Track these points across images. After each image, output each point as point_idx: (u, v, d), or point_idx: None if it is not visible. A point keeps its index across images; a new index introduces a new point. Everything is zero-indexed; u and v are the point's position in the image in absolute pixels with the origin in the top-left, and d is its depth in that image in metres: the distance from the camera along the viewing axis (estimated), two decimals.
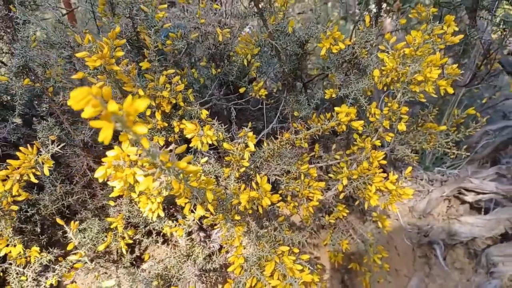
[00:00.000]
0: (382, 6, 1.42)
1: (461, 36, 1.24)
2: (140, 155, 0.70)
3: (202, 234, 1.67)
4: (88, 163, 1.57)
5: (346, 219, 1.82)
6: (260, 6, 1.44)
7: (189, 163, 0.74)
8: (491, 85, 2.13)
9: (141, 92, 1.16)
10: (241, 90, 1.68)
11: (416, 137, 1.56)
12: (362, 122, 1.21)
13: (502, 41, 1.59)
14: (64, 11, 2.28)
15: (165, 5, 1.46)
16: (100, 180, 0.82)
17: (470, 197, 1.91)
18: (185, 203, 0.91)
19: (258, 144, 1.77)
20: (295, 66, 1.65)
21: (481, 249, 1.99)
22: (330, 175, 1.44)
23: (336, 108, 1.21)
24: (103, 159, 0.83)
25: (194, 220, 1.31)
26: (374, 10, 1.42)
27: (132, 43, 1.46)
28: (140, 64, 1.25)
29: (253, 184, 1.04)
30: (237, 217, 1.08)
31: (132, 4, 1.34)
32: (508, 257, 1.90)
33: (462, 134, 1.50)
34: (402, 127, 1.32)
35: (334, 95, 1.43)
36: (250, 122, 1.69)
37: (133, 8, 1.35)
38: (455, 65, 1.25)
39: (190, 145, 1.15)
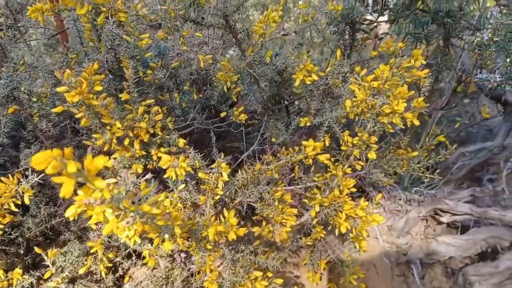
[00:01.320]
0: (357, 36, 1.48)
1: (427, 71, 1.31)
2: (104, 201, 0.75)
3: (183, 254, 1.71)
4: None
5: (325, 239, 1.87)
6: (238, 37, 1.50)
7: (168, 195, 0.79)
8: (468, 107, 2.20)
9: (118, 124, 1.22)
10: (222, 114, 1.73)
11: (390, 162, 1.62)
12: (328, 155, 1.27)
13: (475, 66, 1.65)
14: (54, 32, 2.34)
15: (148, 35, 1.52)
16: (71, 218, 0.87)
17: (445, 218, 1.96)
18: (155, 237, 0.96)
19: (240, 165, 1.82)
20: (274, 92, 1.71)
21: (459, 268, 2.04)
22: (305, 200, 1.49)
23: (303, 142, 1.26)
24: (74, 198, 0.88)
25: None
26: (348, 40, 1.48)
27: (114, 72, 1.51)
28: (120, 96, 1.30)
29: (221, 217, 1.09)
30: (209, 246, 1.13)
31: (113, 36, 1.39)
32: (484, 277, 1.95)
33: (433, 160, 1.56)
34: (372, 155, 1.38)
35: (308, 123, 1.48)
36: (223, 154, 1.75)
37: (114, 39, 1.40)
38: (421, 99, 1.30)
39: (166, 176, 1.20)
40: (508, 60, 1.27)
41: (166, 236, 0.92)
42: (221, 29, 1.44)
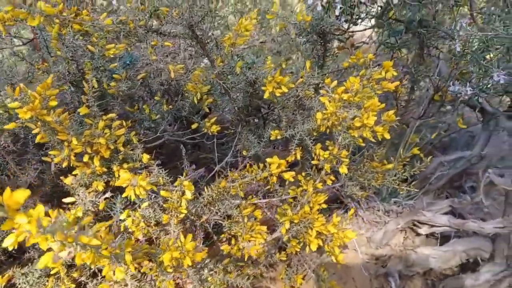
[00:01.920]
0: (329, 46, 1.44)
1: (397, 83, 1.27)
2: (38, 232, 0.70)
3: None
4: (34, 202, 1.56)
5: (301, 253, 1.82)
6: (206, 47, 1.45)
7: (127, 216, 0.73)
8: (448, 115, 2.17)
9: (75, 141, 1.16)
10: (193, 126, 1.68)
11: (365, 175, 1.58)
12: (293, 173, 1.22)
13: (449, 76, 1.62)
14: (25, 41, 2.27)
15: (113, 45, 1.46)
16: (10, 248, 0.81)
17: (423, 230, 1.93)
18: (106, 265, 0.90)
19: (213, 178, 1.77)
20: (247, 103, 1.66)
21: (438, 280, 2.01)
22: (277, 216, 1.44)
23: (268, 159, 1.21)
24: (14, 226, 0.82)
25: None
26: (321, 50, 1.44)
27: (77, 84, 1.45)
28: (78, 110, 1.24)
29: (178, 241, 1.04)
30: (169, 270, 1.07)
31: (74, 48, 1.34)
32: None
33: (408, 172, 1.52)
34: (343, 170, 1.33)
35: (279, 136, 1.44)
36: (196, 166, 1.70)
37: (76, 50, 1.35)
38: (391, 111, 1.26)
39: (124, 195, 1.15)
40: (480, 71, 1.24)
41: (115, 266, 0.87)
42: (188, 39, 1.39)
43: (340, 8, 1.10)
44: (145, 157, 1.31)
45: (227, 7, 1.97)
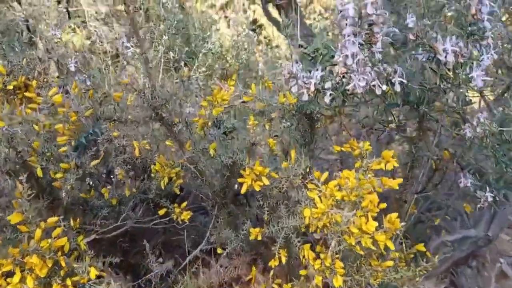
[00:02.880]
0: (316, 126, 1.24)
1: (400, 180, 1.06)
2: None
3: None
4: None
5: None
6: (174, 129, 1.23)
7: None
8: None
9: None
10: (161, 212, 1.44)
11: (360, 271, 1.34)
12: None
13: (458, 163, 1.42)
14: None
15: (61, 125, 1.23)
16: None
17: None
18: None
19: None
20: (223, 186, 1.43)
21: None
22: None
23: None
24: None
25: None
26: (307, 132, 1.24)
27: (16, 174, 1.21)
28: (8, 218, 0.99)
29: None
30: None
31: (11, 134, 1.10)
32: None
33: (413, 272, 1.29)
34: (338, 282, 1.10)
35: (259, 237, 1.20)
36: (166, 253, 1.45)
37: (13, 138, 1.11)
38: (394, 215, 1.05)
39: None
40: (497, 166, 1.04)
41: None
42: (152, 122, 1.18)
43: (331, 95, 0.89)
44: (93, 272, 1.05)
45: (196, 74, 1.77)
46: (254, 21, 5.79)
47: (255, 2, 5.88)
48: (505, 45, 1.12)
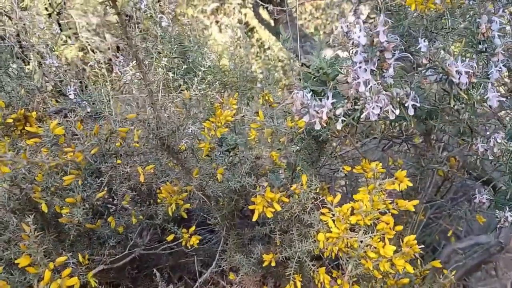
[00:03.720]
0: (325, 148, 1.22)
1: (416, 202, 1.04)
2: None
3: None
4: None
5: None
6: (179, 156, 1.20)
7: None
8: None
9: None
10: (169, 238, 1.41)
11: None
12: None
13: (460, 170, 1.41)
14: None
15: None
16: None
17: None
18: None
19: None
20: (232, 209, 1.40)
21: None
22: None
23: None
24: None
25: None
26: (316, 154, 1.21)
27: (21, 211, 1.17)
28: (16, 262, 0.96)
29: None
30: None
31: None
32: None
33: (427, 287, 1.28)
34: None
35: (273, 262, 1.18)
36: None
37: (16, 177, 1.08)
38: (412, 237, 1.02)
39: None
40: None
41: None
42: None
43: (343, 121, 0.87)
44: None
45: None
46: (246, 24, 5.77)
47: (246, 6, 5.85)
48: None
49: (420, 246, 1.04)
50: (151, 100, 1.00)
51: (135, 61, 1.11)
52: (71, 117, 1.25)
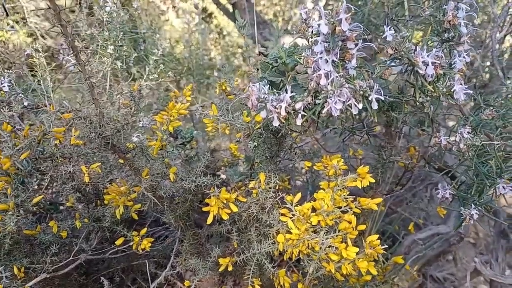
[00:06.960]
0: (285, 144, 1.14)
1: (379, 200, 0.99)
2: None
3: None
4: None
5: None
6: (127, 155, 1.09)
7: None
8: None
9: None
10: (118, 242, 1.31)
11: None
12: None
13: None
14: None
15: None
16: None
17: None
18: None
19: None
20: (187, 209, 1.31)
21: None
22: None
23: None
24: None
25: None
26: (275, 150, 1.14)
27: None
28: None
29: None
30: None
31: None
32: None
33: (390, 285, 1.24)
34: None
35: (230, 267, 1.10)
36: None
37: None
38: (374, 237, 0.97)
39: None
40: (480, 180, 0.99)
41: None
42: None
43: (303, 116, 0.79)
44: None
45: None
46: (204, 10, 5.61)
47: None
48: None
49: (383, 247, 0.99)
50: (93, 95, 0.88)
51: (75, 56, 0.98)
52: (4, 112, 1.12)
